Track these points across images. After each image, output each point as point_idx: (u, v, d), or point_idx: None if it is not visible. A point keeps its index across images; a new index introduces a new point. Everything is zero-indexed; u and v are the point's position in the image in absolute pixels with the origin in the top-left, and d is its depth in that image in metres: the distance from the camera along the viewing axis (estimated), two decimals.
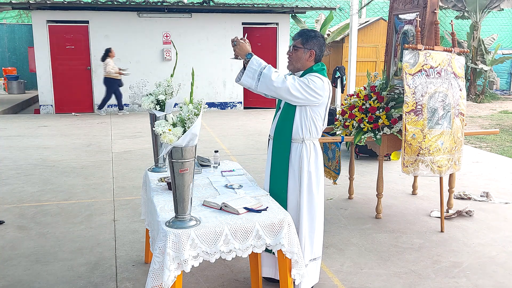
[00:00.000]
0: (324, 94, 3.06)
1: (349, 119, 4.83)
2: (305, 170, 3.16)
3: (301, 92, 3.00)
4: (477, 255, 4.03)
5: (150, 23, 12.43)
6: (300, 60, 3.14)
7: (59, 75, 12.21)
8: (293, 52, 3.16)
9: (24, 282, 3.55)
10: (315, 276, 3.34)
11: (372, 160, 7.12)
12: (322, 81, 3.05)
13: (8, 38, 17.18)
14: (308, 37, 3.12)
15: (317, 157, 3.21)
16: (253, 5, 12.71)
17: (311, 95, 3.01)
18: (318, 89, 3.02)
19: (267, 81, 2.96)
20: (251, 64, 3.00)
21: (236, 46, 3.07)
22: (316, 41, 3.12)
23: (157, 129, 2.42)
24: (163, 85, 3.42)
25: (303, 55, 3.13)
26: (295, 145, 3.17)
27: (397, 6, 4.90)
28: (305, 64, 3.15)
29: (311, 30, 3.16)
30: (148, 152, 7.71)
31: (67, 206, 5.22)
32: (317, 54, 3.13)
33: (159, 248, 2.45)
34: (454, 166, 4.38)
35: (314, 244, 3.25)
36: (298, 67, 3.17)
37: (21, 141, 8.69)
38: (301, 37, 3.13)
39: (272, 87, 2.97)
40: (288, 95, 3.00)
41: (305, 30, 3.17)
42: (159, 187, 3.17)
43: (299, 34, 3.15)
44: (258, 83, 2.99)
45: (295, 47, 3.14)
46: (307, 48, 3.11)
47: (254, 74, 2.99)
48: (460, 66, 4.35)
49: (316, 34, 3.13)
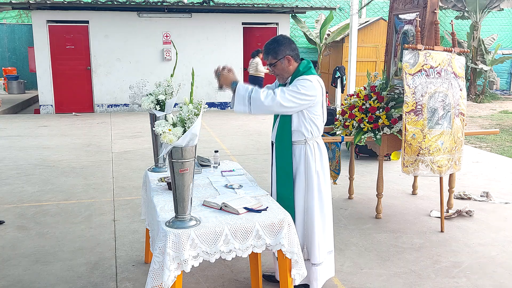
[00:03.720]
0: (316, 93, 3.07)
1: (349, 119, 4.83)
2: (312, 170, 3.18)
3: (293, 101, 3.01)
4: (477, 255, 4.03)
5: (150, 23, 12.43)
6: (284, 70, 3.16)
7: (59, 75, 12.22)
8: (274, 69, 3.18)
9: (24, 282, 3.55)
10: (331, 269, 3.40)
11: (372, 160, 7.12)
12: (310, 82, 3.05)
13: (8, 38, 17.18)
14: (274, 49, 3.12)
15: (322, 156, 3.23)
16: (253, 5, 12.71)
17: (303, 99, 3.03)
18: (309, 91, 3.04)
19: (258, 104, 2.99)
20: (238, 92, 3.03)
21: (220, 78, 3.10)
22: (283, 46, 3.12)
23: (157, 129, 2.42)
24: (163, 85, 3.42)
25: (282, 65, 3.14)
26: (299, 146, 3.18)
27: (397, 6, 4.90)
28: (290, 70, 3.16)
29: (272, 41, 3.16)
30: (148, 152, 7.71)
31: (67, 206, 5.22)
32: (293, 55, 3.14)
33: (159, 248, 2.45)
34: (454, 166, 4.38)
35: (327, 238, 3.31)
36: (286, 77, 3.20)
37: (21, 141, 8.69)
38: (269, 54, 3.14)
39: (264, 107, 2.99)
40: (282, 109, 3.03)
41: (268, 45, 3.16)
42: (159, 187, 3.17)
43: (266, 52, 3.17)
44: (251, 107, 3.01)
45: (272, 65, 3.17)
46: (281, 58, 3.13)
47: (244, 101, 3.01)
48: (460, 66, 4.35)
49: (278, 41, 3.14)
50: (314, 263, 3.22)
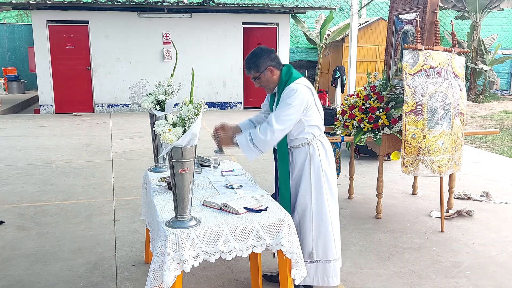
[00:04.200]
0: (306, 98, 3.08)
1: (349, 119, 4.83)
2: (320, 169, 3.18)
3: (289, 119, 3.04)
4: (477, 255, 4.03)
5: (150, 23, 12.42)
6: (269, 81, 3.18)
7: (59, 75, 12.21)
8: (259, 82, 3.20)
9: (24, 282, 3.55)
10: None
11: (372, 160, 7.12)
12: (295, 90, 3.05)
13: (8, 38, 17.17)
14: (255, 62, 3.13)
15: (327, 154, 3.23)
16: (253, 5, 12.71)
17: (297, 110, 3.05)
18: (299, 100, 3.04)
19: (263, 144, 3.03)
20: (241, 145, 3.08)
21: (219, 141, 3.16)
22: (263, 58, 3.13)
23: (157, 129, 2.42)
24: (163, 85, 3.42)
25: (266, 77, 3.16)
26: (304, 148, 3.18)
27: (397, 6, 4.90)
28: (275, 80, 3.18)
29: (251, 56, 3.17)
30: (148, 152, 7.71)
31: (67, 206, 5.22)
32: (274, 64, 3.15)
33: (159, 248, 2.45)
34: (454, 166, 4.38)
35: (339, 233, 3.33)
36: (273, 87, 3.22)
37: (21, 141, 8.69)
38: (251, 68, 3.16)
39: (270, 142, 3.04)
40: (285, 131, 3.06)
41: (248, 60, 3.18)
42: (159, 187, 3.17)
43: (247, 67, 3.19)
44: (259, 150, 3.06)
45: (256, 78, 3.18)
46: (263, 70, 3.13)
47: (251, 148, 3.06)
48: (460, 66, 4.35)
49: (257, 54, 3.14)
50: (332, 259, 3.21)
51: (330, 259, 3.21)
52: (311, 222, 3.18)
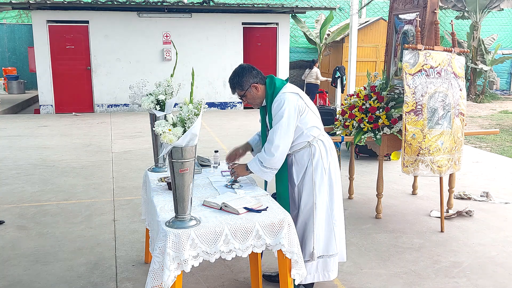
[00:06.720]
0: (296, 103, 3.11)
1: (349, 119, 4.83)
2: (322, 168, 3.20)
3: (288, 131, 3.08)
4: (477, 255, 4.03)
5: (150, 23, 12.43)
6: (255, 97, 3.23)
7: (59, 75, 12.22)
8: (246, 99, 3.25)
9: (24, 282, 3.55)
10: (344, 254, 3.42)
11: (372, 160, 7.12)
12: (283, 99, 3.08)
13: (8, 38, 17.18)
14: (238, 82, 3.18)
15: (328, 153, 3.24)
16: (253, 5, 12.71)
17: (293, 118, 3.08)
18: (290, 108, 3.08)
19: (273, 163, 3.09)
20: (255, 172, 3.16)
21: (235, 173, 3.23)
22: (245, 77, 3.17)
23: (157, 129, 2.42)
24: (163, 85, 3.42)
25: (252, 94, 3.21)
26: (307, 150, 3.20)
27: (397, 6, 4.90)
28: (261, 96, 3.23)
29: (233, 76, 3.21)
30: (148, 152, 7.71)
31: (67, 206, 5.22)
32: (257, 81, 3.19)
33: (159, 248, 2.45)
34: (454, 166, 4.38)
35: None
36: (259, 102, 3.26)
37: (21, 141, 8.69)
38: (236, 88, 3.21)
39: (279, 157, 3.09)
40: (288, 143, 3.10)
41: (231, 81, 3.22)
42: (159, 187, 3.17)
43: (232, 87, 3.24)
44: (272, 169, 3.13)
45: (242, 97, 3.23)
46: (247, 88, 3.18)
47: (265, 171, 3.13)
48: (460, 66, 4.35)
49: (239, 74, 3.18)
50: (332, 254, 3.24)
51: (330, 253, 3.24)
52: (316, 220, 3.19)
